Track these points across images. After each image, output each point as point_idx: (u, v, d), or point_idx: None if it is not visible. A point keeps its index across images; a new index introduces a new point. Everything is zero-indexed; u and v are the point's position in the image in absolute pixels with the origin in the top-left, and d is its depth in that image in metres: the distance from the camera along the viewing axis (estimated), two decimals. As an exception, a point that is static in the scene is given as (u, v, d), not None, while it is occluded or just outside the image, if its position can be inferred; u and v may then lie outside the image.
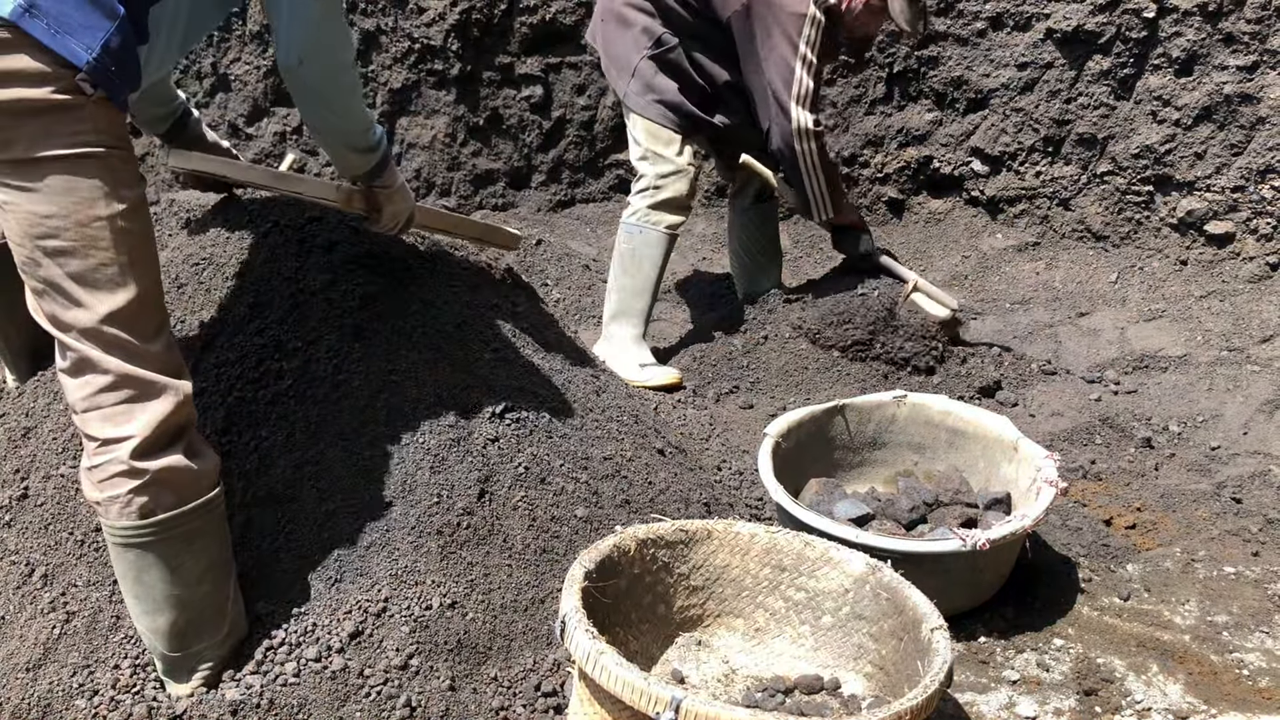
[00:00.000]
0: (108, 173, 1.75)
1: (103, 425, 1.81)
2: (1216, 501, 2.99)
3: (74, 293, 1.76)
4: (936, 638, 1.89)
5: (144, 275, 1.81)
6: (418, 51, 5.05)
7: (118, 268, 1.77)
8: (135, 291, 1.79)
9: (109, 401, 1.80)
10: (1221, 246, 4.30)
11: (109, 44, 1.71)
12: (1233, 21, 4.15)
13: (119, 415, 1.81)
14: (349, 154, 2.13)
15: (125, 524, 1.83)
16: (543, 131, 5.20)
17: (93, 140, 1.73)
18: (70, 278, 1.75)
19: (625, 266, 3.69)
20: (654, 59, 3.61)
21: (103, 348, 1.78)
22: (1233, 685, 2.30)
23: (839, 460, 2.93)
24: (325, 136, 2.12)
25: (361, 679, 1.99)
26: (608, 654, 1.73)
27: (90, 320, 1.77)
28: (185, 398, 1.86)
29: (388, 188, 2.24)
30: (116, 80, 1.74)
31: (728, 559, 2.23)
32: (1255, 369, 3.68)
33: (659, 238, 3.65)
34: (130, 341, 1.79)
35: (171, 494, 1.84)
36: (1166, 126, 4.35)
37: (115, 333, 1.78)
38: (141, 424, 1.81)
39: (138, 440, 1.80)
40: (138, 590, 1.91)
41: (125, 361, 1.79)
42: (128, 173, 1.80)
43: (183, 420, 1.86)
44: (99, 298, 1.77)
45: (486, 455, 2.28)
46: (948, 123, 4.83)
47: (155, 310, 1.85)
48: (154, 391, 1.82)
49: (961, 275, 4.57)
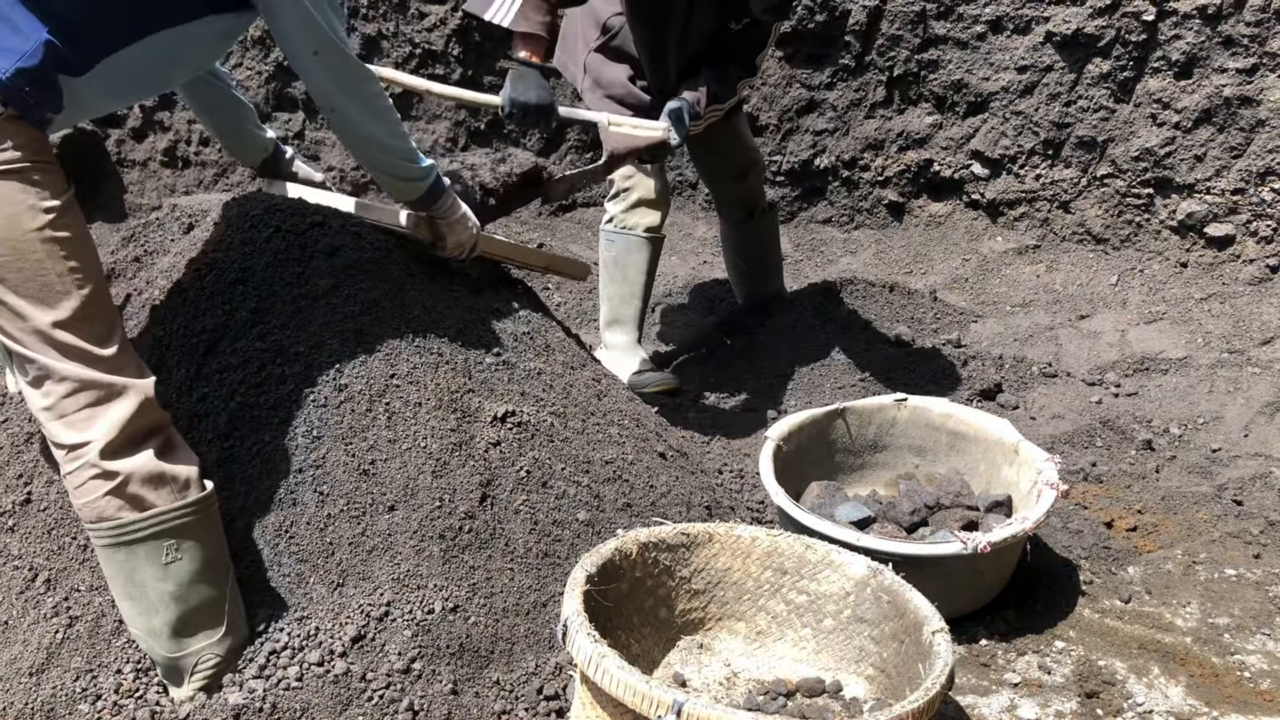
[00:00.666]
0: (27, 185, 1.78)
1: (68, 432, 1.84)
2: (1217, 504, 2.99)
3: (18, 306, 1.79)
4: (938, 640, 1.89)
5: (85, 280, 1.84)
6: (419, 56, 5.06)
7: (55, 276, 1.80)
8: (80, 298, 1.82)
9: (71, 408, 1.83)
10: (1222, 249, 4.30)
11: (24, 66, 1.75)
12: (1232, 24, 4.15)
13: (81, 420, 1.83)
14: (396, 182, 2.27)
15: (107, 525, 1.86)
16: (543, 136, 5.21)
17: (7, 158, 1.76)
18: (12, 292, 1.79)
19: (611, 274, 3.62)
20: (600, 50, 3.43)
21: (58, 355, 1.81)
22: (1234, 687, 2.30)
23: (840, 463, 2.93)
24: (374, 169, 2.27)
25: (364, 683, 2.00)
26: (609, 657, 1.73)
27: (38, 329, 1.80)
28: (147, 398, 1.88)
29: (445, 218, 2.38)
30: (31, 101, 1.77)
31: (729, 562, 2.23)
32: (1256, 371, 3.69)
33: (639, 242, 3.55)
34: (84, 347, 1.82)
35: (150, 492, 1.86)
36: (1166, 129, 4.35)
37: (67, 339, 1.81)
38: (105, 426, 1.83)
39: (103, 442, 1.83)
40: (130, 590, 1.92)
41: (82, 366, 1.82)
42: (50, 184, 1.82)
43: (150, 421, 1.88)
44: (43, 308, 1.80)
45: (488, 459, 2.29)
46: (948, 126, 4.83)
47: (103, 313, 1.87)
48: (114, 393, 1.84)
49: (962, 278, 4.57)
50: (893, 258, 4.80)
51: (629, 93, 3.42)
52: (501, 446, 2.31)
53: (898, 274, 4.65)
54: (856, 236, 5.01)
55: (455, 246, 2.45)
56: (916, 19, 4.72)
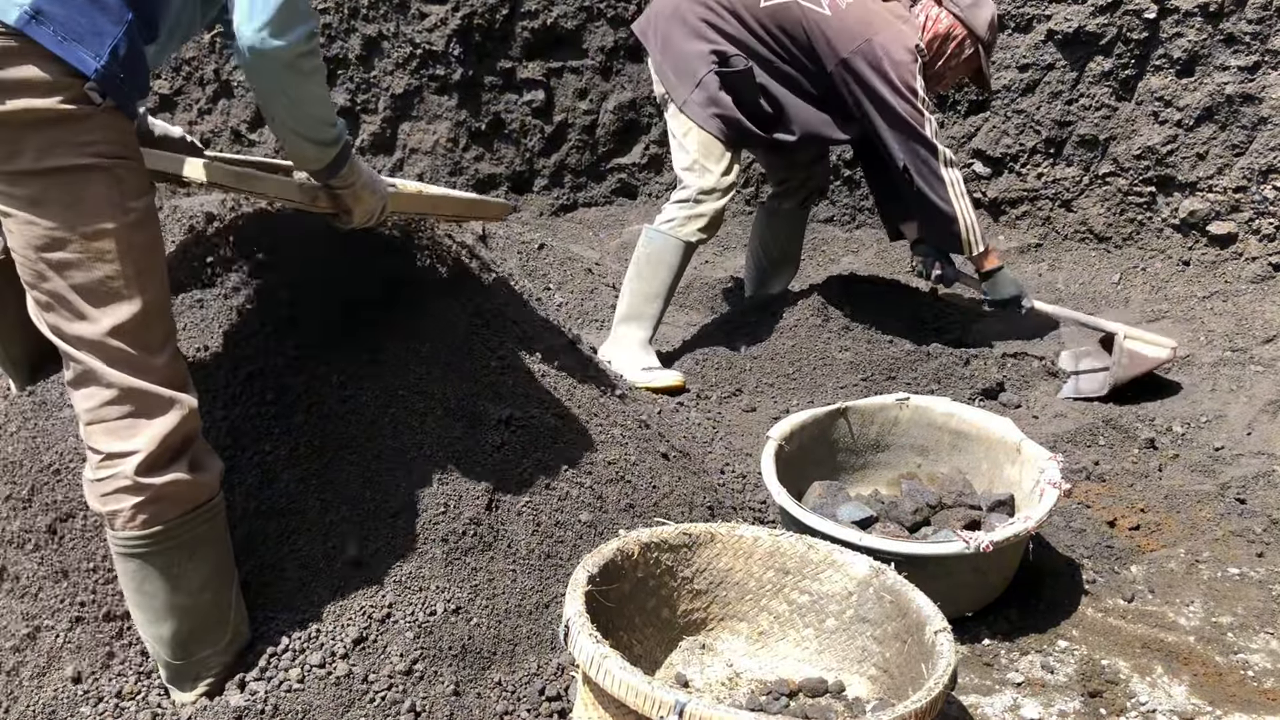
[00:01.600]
0: (115, 184, 1.73)
1: (107, 439, 1.80)
2: (1220, 502, 2.99)
3: (78, 305, 1.74)
4: (940, 640, 1.89)
5: (150, 287, 1.79)
6: (420, 57, 5.06)
7: (123, 280, 1.75)
8: (141, 304, 1.77)
9: (113, 415, 1.79)
10: (1224, 247, 4.29)
11: (117, 50, 1.68)
12: (1234, 22, 4.15)
13: (123, 429, 1.79)
14: (307, 146, 1.92)
15: (127, 535, 1.83)
16: (545, 136, 5.21)
17: (101, 151, 1.71)
18: (75, 290, 1.73)
19: (641, 270, 3.69)
20: (720, 74, 3.59)
21: (107, 361, 1.76)
22: (1237, 686, 2.30)
23: (842, 463, 2.93)
24: (284, 127, 1.89)
25: (366, 684, 2.00)
26: (611, 658, 1.73)
27: (95, 333, 1.75)
28: (190, 411, 1.84)
29: (350, 186, 2.02)
30: (126, 88, 1.72)
31: (731, 562, 2.23)
32: (1259, 369, 3.68)
33: (679, 246, 3.65)
34: (135, 355, 1.78)
35: (173, 506, 1.84)
36: (1168, 127, 4.35)
37: (120, 346, 1.76)
38: (146, 439, 1.79)
39: (142, 455, 1.79)
40: (140, 599, 1.91)
41: (130, 375, 1.77)
42: (135, 183, 1.78)
43: (187, 433, 1.85)
44: (104, 310, 1.75)
45: (492, 462, 2.28)
46: (949, 125, 4.83)
47: (161, 322, 1.83)
48: (159, 405, 1.80)
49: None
50: (895, 257, 4.80)
51: (740, 117, 3.60)
52: (505, 449, 2.32)
53: (900, 273, 4.65)
54: (858, 236, 5.01)
55: (363, 215, 2.09)
56: (918, 18, 4.72)
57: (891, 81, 3.46)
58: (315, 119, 1.89)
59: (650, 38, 3.75)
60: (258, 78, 1.82)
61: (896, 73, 3.46)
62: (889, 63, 3.46)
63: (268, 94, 1.85)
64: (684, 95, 3.63)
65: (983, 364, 3.75)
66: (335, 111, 1.99)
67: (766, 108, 3.65)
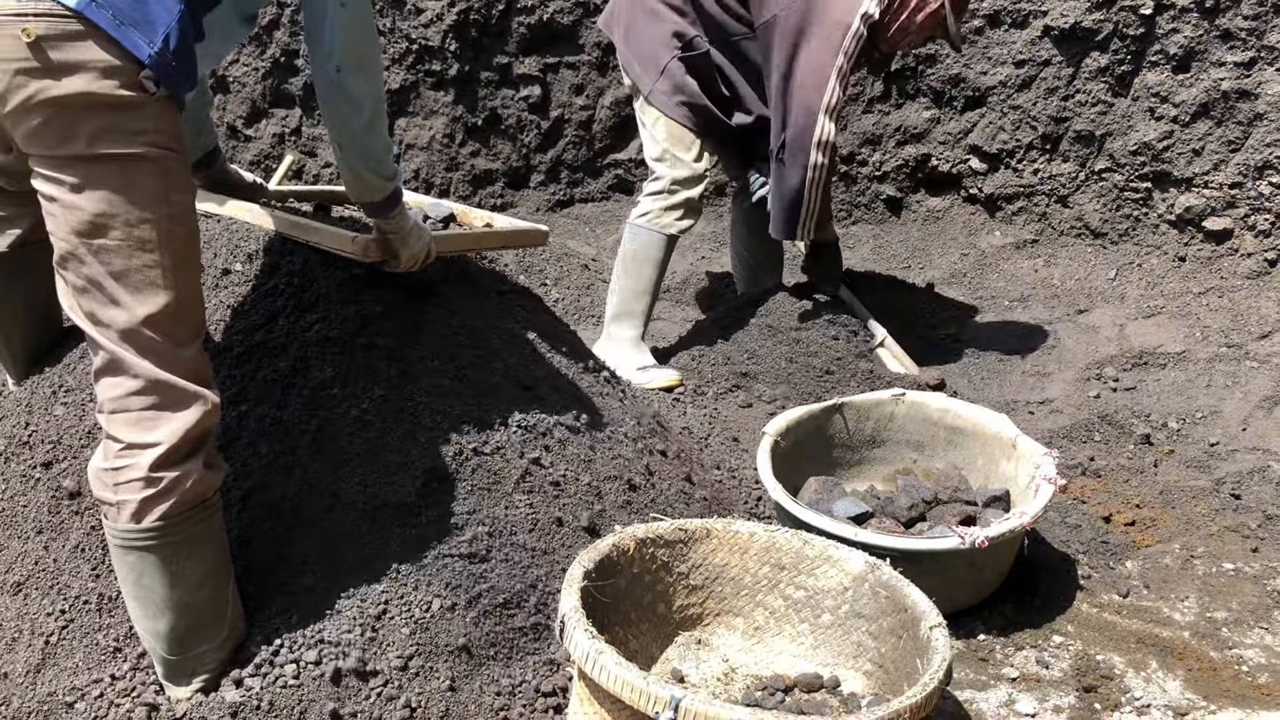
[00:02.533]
0: (163, 175, 1.74)
1: (129, 429, 1.80)
2: (1215, 498, 2.99)
3: (114, 292, 1.75)
4: (935, 635, 1.89)
5: (186, 280, 1.80)
6: (416, 52, 5.05)
7: (161, 270, 1.76)
8: (175, 295, 1.78)
9: (137, 405, 1.79)
10: (1220, 243, 4.30)
11: (169, 39, 1.70)
12: (1230, 18, 4.15)
13: (146, 421, 1.79)
14: (371, 176, 2.06)
15: (128, 528, 1.83)
16: (541, 131, 5.20)
17: (152, 140, 1.72)
18: (113, 276, 1.74)
19: (627, 268, 3.69)
20: (683, 60, 3.56)
21: (136, 350, 1.77)
22: (1232, 681, 2.30)
23: (838, 458, 2.93)
24: (349, 155, 2.04)
25: (361, 681, 1.99)
26: (607, 653, 1.73)
27: (127, 321, 1.75)
28: (213, 407, 1.84)
29: (398, 232, 2.18)
30: (177, 77, 1.73)
31: (727, 558, 2.23)
32: (1254, 365, 3.68)
33: (662, 240, 3.65)
34: (164, 346, 1.78)
35: (180, 501, 1.84)
36: (1164, 123, 4.35)
37: (150, 335, 1.77)
38: (168, 432, 1.79)
39: (163, 449, 1.79)
40: (138, 593, 1.91)
41: (157, 366, 1.78)
42: (181, 176, 1.79)
43: (206, 429, 1.85)
44: (139, 299, 1.75)
45: (491, 460, 2.28)
46: (946, 121, 4.83)
47: (192, 316, 1.84)
48: (183, 399, 1.81)
49: (960, 273, 4.57)
50: (891, 252, 4.80)
51: (705, 103, 3.58)
52: (504, 449, 2.31)
53: (896, 269, 4.65)
54: (855, 231, 5.01)
55: (410, 260, 2.25)
56: (914, 13, 4.71)
57: (813, 37, 3.31)
58: (381, 150, 2.04)
59: (615, 30, 3.75)
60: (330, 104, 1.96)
61: (823, 30, 3.30)
62: (820, 18, 3.31)
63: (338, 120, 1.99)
64: (649, 84, 3.62)
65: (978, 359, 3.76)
66: (392, 148, 2.08)
67: (725, 91, 3.62)
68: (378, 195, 2.10)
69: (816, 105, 3.35)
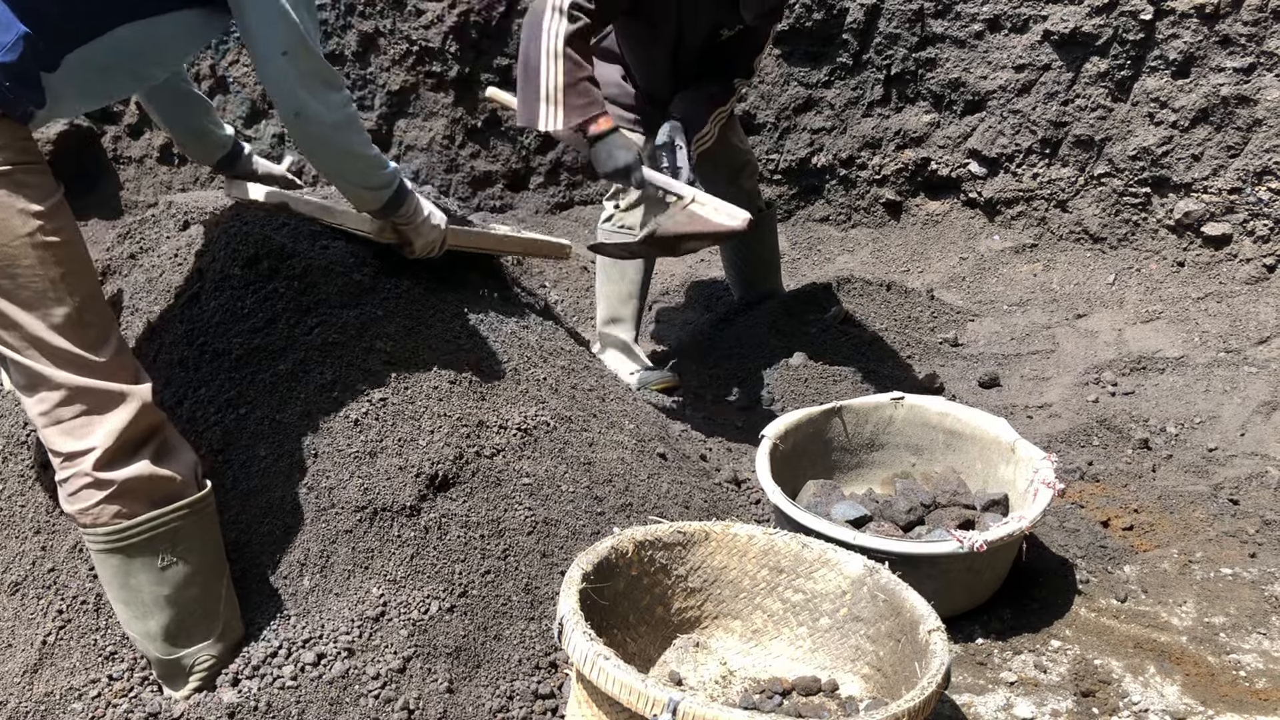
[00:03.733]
0: (15, 188, 1.73)
1: (64, 439, 1.80)
2: (1214, 503, 2.99)
3: (8, 312, 1.74)
4: (934, 639, 1.89)
5: (78, 285, 1.79)
6: (416, 54, 5.05)
7: (48, 282, 1.75)
8: (71, 303, 1.77)
9: (67, 415, 1.79)
10: (1219, 248, 4.30)
11: (5, 61, 1.68)
12: (1229, 24, 4.15)
13: (79, 428, 1.79)
14: (361, 191, 2.16)
15: (101, 530, 1.83)
16: (540, 133, 5.20)
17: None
18: (3, 298, 1.73)
19: (608, 274, 3.63)
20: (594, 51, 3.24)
21: (51, 362, 1.77)
22: (1230, 686, 2.30)
23: (837, 462, 2.93)
24: (335, 179, 2.14)
25: (359, 682, 1.99)
26: (605, 656, 1.73)
27: (30, 337, 1.75)
28: (144, 403, 1.84)
29: (410, 222, 2.28)
30: (12, 96, 1.71)
31: (725, 561, 2.23)
32: (1252, 370, 3.69)
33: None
34: (76, 353, 1.78)
35: (144, 499, 1.84)
36: (1164, 128, 4.35)
37: (60, 345, 1.76)
38: (102, 434, 1.79)
39: (100, 451, 1.79)
40: (125, 595, 1.90)
41: (75, 374, 1.78)
42: (38, 185, 1.77)
43: (146, 425, 1.84)
44: (35, 314, 1.75)
45: (491, 464, 2.28)
46: (945, 125, 4.83)
47: (96, 319, 1.83)
48: (111, 400, 1.80)
49: (959, 277, 4.58)
50: (890, 256, 4.80)
51: (622, 91, 3.44)
52: (504, 452, 2.31)
53: (895, 272, 4.66)
54: (854, 235, 5.01)
55: (424, 248, 2.37)
56: (914, 17, 4.72)
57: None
58: (362, 169, 2.11)
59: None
60: (300, 141, 2.02)
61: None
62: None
63: (311, 154, 2.06)
64: None
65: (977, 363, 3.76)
66: (381, 159, 2.12)
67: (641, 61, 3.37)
68: (376, 205, 2.20)
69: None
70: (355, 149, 2.07)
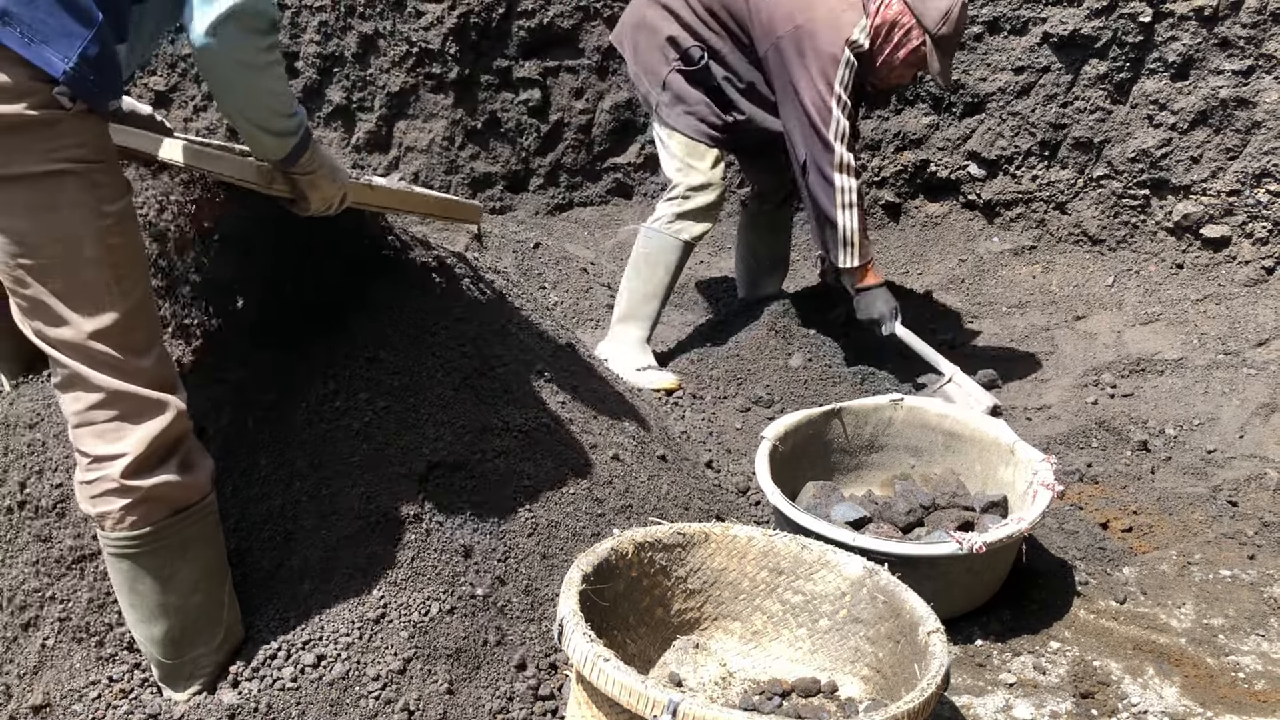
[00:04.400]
0: (89, 189, 1.69)
1: (95, 442, 1.78)
2: (1213, 505, 3.00)
3: (59, 310, 1.72)
4: (933, 641, 1.89)
5: (132, 290, 1.77)
6: (416, 55, 5.05)
7: (103, 284, 1.72)
8: (123, 307, 1.75)
9: (101, 418, 1.77)
10: (1217, 250, 4.31)
11: (87, 52, 1.63)
12: (1228, 26, 4.16)
13: (110, 432, 1.78)
14: (264, 136, 1.88)
15: (117, 535, 1.82)
16: (540, 135, 5.21)
17: (73, 155, 1.66)
18: (54, 295, 1.71)
19: (639, 270, 3.71)
20: (681, 73, 3.60)
21: (91, 364, 1.74)
22: (1229, 688, 2.31)
23: (836, 463, 2.94)
24: (239, 118, 1.85)
25: (359, 683, 2.00)
26: (605, 657, 1.73)
27: (77, 337, 1.73)
28: (179, 413, 1.83)
29: (310, 173, 1.98)
30: (96, 89, 1.67)
31: (725, 562, 2.23)
32: (1251, 372, 3.69)
33: (676, 245, 3.66)
34: (119, 358, 1.76)
35: (165, 507, 1.83)
36: (1163, 130, 4.36)
37: (103, 349, 1.74)
38: (134, 441, 1.78)
39: (130, 458, 1.78)
40: (132, 599, 1.90)
41: (115, 378, 1.76)
42: (111, 186, 1.74)
43: (176, 434, 1.83)
44: (85, 314, 1.72)
45: (489, 464, 2.28)
46: (944, 126, 4.83)
47: (145, 324, 1.81)
48: (146, 408, 1.79)
49: (958, 278, 4.58)
50: (889, 258, 4.81)
51: (712, 111, 3.62)
52: (503, 453, 2.31)
53: (894, 274, 4.66)
54: (853, 237, 5.01)
55: (320, 202, 2.05)
56: (913, 19, 4.72)
57: (809, 69, 3.37)
58: (270, 110, 1.85)
59: (626, 46, 3.80)
60: (207, 73, 1.79)
61: (817, 62, 3.35)
62: (811, 50, 3.36)
63: (218, 88, 1.81)
64: (655, 99, 3.67)
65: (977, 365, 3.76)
66: (292, 101, 1.88)
67: (728, 92, 3.63)
68: (281, 152, 1.91)
69: (826, 133, 3.38)
70: (265, 86, 1.81)
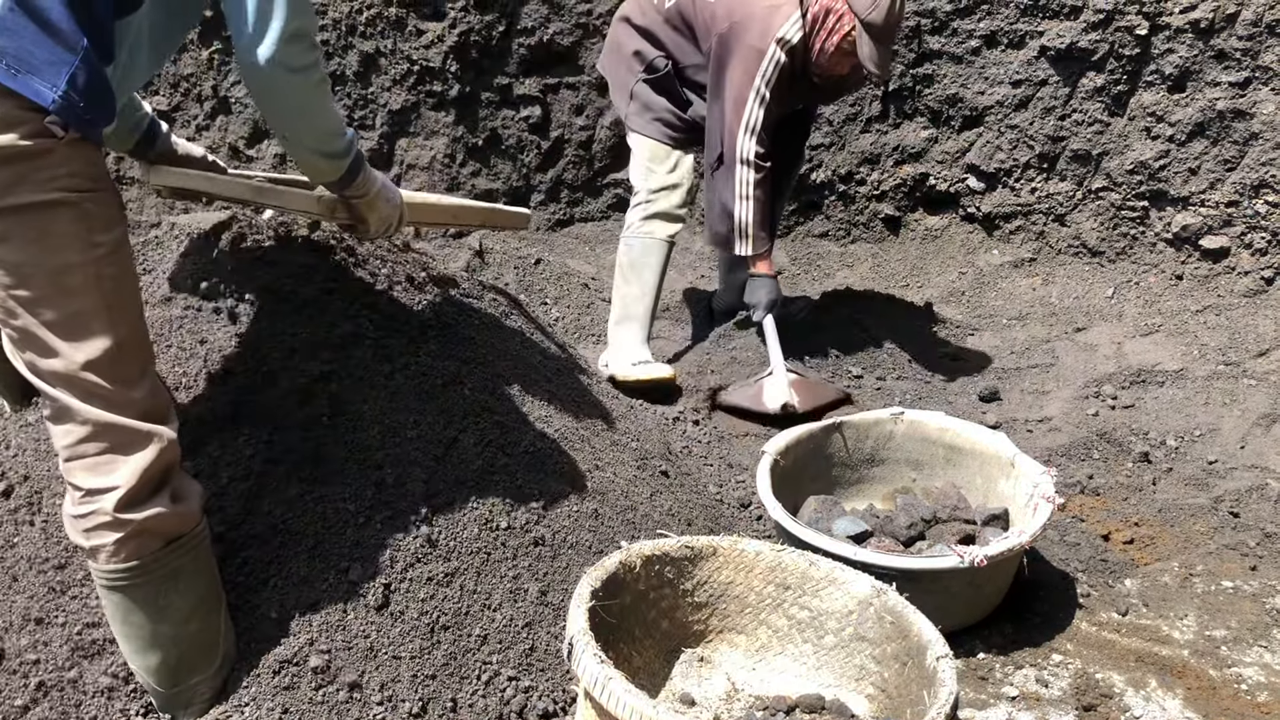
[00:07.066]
0: (82, 219, 1.66)
1: (86, 475, 1.76)
2: (1214, 516, 3.01)
3: (49, 342, 1.69)
4: (942, 666, 1.88)
5: (122, 321, 1.74)
6: (417, 73, 5.08)
7: (94, 315, 1.70)
8: (114, 339, 1.72)
9: (91, 451, 1.75)
10: (1217, 261, 4.33)
11: (75, 79, 1.60)
12: (1225, 38, 4.18)
13: (102, 465, 1.76)
14: (319, 160, 1.96)
15: (110, 568, 1.81)
16: (541, 151, 5.23)
17: (66, 185, 1.64)
18: (45, 326, 1.68)
19: (626, 276, 3.82)
20: (648, 82, 3.79)
21: (81, 397, 1.72)
22: (1231, 700, 2.31)
23: (837, 477, 2.95)
24: (295, 144, 1.93)
25: (361, 700, 2.00)
26: (615, 679, 1.73)
27: (67, 369, 1.71)
28: (169, 443, 1.81)
29: (364, 196, 2.06)
30: (88, 115, 1.64)
31: (732, 576, 2.24)
32: (1252, 383, 3.71)
33: (655, 245, 3.80)
34: (109, 389, 1.73)
35: (158, 538, 1.82)
36: (1160, 142, 4.38)
37: (94, 380, 1.72)
38: (125, 474, 1.76)
39: (122, 491, 1.76)
40: (126, 630, 1.89)
41: (105, 410, 1.73)
42: (104, 216, 1.71)
43: (166, 464, 1.81)
44: (76, 346, 1.70)
45: (494, 482, 2.29)
46: (943, 140, 4.86)
47: (136, 355, 1.79)
48: (137, 440, 1.77)
49: (958, 291, 4.60)
50: (889, 271, 4.82)
51: (676, 117, 3.80)
52: (506, 470, 2.32)
53: (894, 287, 4.68)
54: (853, 250, 5.04)
55: (379, 224, 2.13)
56: (911, 34, 4.75)
57: (736, 64, 3.52)
58: (326, 131, 1.90)
59: (607, 70, 3.99)
60: (268, 96, 1.82)
61: (743, 57, 3.51)
62: (739, 46, 3.52)
63: (280, 110, 1.86)
64: (624, 109, 3.86)
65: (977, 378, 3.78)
66: (343, 121, 1.94)
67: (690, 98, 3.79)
68: (334, 175, 1.99)
69: (736, 126, 3.56)
70: (320, 105, 1.86)
